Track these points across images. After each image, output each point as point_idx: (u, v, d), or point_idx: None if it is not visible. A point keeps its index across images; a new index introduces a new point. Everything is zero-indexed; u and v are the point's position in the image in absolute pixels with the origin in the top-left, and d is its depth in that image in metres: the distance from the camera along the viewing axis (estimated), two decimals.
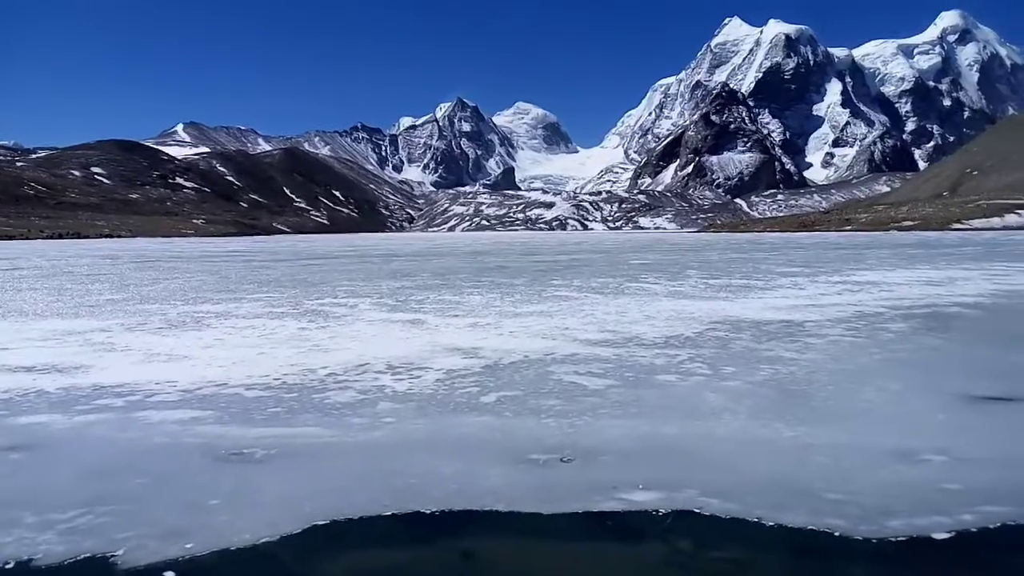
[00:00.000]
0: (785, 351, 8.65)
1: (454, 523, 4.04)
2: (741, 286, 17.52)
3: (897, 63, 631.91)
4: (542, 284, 18.77)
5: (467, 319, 11.76)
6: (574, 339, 9.62)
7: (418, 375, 7.47)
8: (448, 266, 29.48)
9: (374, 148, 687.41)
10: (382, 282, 20.22)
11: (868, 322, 11.04)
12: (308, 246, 68.78)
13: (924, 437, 5.26)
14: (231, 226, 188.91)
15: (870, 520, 3.90)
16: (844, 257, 32.34)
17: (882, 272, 21.89)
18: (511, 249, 52.66)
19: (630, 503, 4.19)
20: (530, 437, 5.37)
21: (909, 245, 47.33)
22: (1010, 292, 15.52)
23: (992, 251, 36.29)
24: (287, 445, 5.27)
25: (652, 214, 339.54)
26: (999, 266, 24.26)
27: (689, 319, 11.48)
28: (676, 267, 26.25)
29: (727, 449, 5.11)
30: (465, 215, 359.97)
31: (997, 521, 3.88)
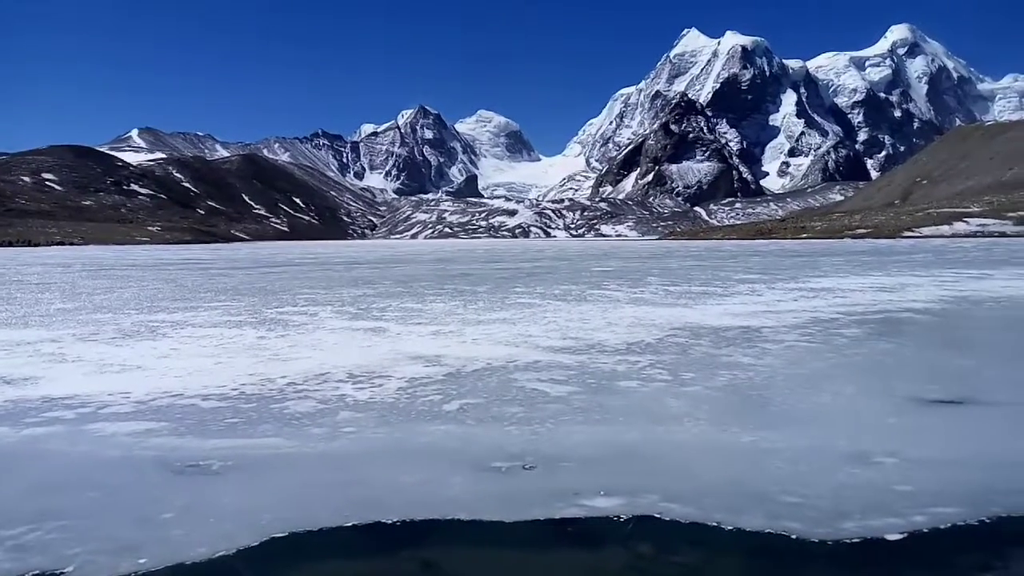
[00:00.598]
0: (743, 357, 8.79)
1: (415, 533, 4.02)
2: (701, 293, 17.77)
3: (849, 75, 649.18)
4: (505, 291, 18.79)
5: (430, 327, 11.71)
6: (537, 346, 9.64)
7: (380, 384, 7.41)
8: (411, 273, 29.33)
9: (335, 155, 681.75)
10: (343, 290, 20.03)
11: (823, 328, 11.29)
12: (268, 254, 67.82)
13: (877, 440, 5.39)
14: (188, 233, 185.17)
15: (825, 522, 3.98)
16: (800, 264, 33.02)
17: (836, 279, 22.40)
18: (474, 256, 52.63)
19: (592, 509, 4.21)
20: (492, 445, 5.36)
21: (862, 252, 48.54)
22: (958, 298, 16.01)
23: (941, 258, 37.42)
24: (245, 456, 5.18)
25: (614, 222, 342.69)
26: (948, 273, 25.03)
27: (650, 325, 11.60)
28: (637, 274, 26.50)
29: (687, 454, 5.17)
30: (428, 223, 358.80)
31: (947, 522, 3.99)
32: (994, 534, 3.89)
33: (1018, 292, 17.19)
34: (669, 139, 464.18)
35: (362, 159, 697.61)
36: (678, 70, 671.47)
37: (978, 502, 4.20)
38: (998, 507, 4.13)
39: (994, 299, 15.76)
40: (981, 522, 3.98)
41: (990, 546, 3.79)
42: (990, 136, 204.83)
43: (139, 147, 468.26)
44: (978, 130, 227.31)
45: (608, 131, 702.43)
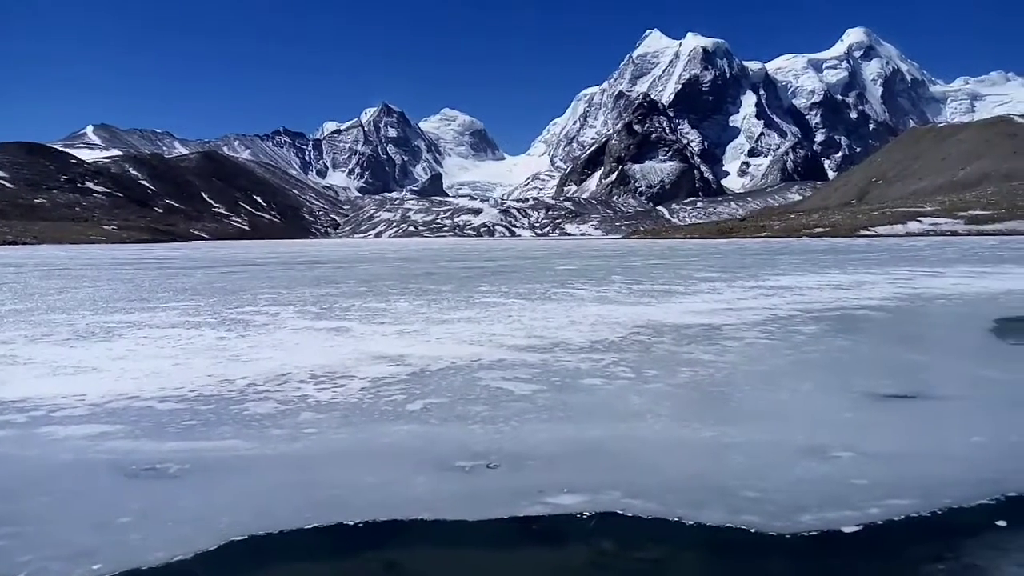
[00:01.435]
0: (704, 354, 8.91)
1: (378, 534, 3.98)
2: (663, 291, 17.95)
3: (807, 77, 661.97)
4: (469, 290, 18.76)
5: (393, 326, 11.63)
6: (501, 345, 9.65)
7: (342, 384, 7.33)
8: (374, 273, 29.11)
9: (297, 153, 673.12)
10: (305, 289, 19.79)
11: (782, 325, 11.49)
12: (228, 252, 66.69)
13: (833, 434, 5.50)
14: (145, 232, 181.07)
15: (783, 516, 4.05)
16: (759, 263, 33.58)
17: (795, 277, 22.84)
18: (439, 255, 52.44)
19: (555, 507, 4.22)
20: (456, 444, 5.35)
21: (820, 251, 49.55)
22: (912, 295, 16.44)
23: (896, 256, 38.38)
24: (203, 459, 5.08)
25: (578, 221, 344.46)
26: (903, 270, 25.69)
27: (614, 324, 11.68)
28: (601, 273, 26.68)
29: (650, 450, 5.22)
30: (392, 221, 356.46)
31: (901, 513, 4.08)
32: (946, 525, 3.99)
33: (969, 289, 17.71)
34: (632, 139, 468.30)
35: (325, 157, 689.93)
36: (641, 71, 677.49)
37: (931, 494, 4.31)
38: (950, 499, 4.24)
39: (946, 296, 16.21)
40: (934, 513, 4.08)
41: (943, 537, 3.89)
42: (942, 137, 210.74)
43: (94, 144, 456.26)
44: (931, 131, 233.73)
45: (572, 130, 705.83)
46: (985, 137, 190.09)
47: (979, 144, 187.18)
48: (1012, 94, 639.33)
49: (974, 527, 3.96)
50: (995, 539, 3.80)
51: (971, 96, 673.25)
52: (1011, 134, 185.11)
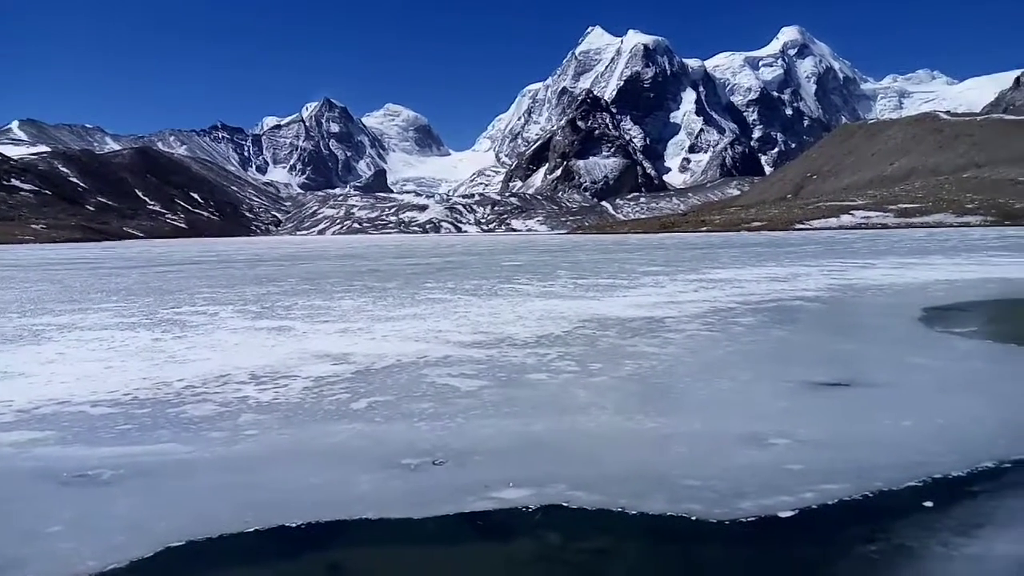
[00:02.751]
0: (647, 346, 9.06)
1: (321, 535, 3.93)
2: (608, 285, 18.17)
3: (744, 74, 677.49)
4: (415, 287, 18.64)
5: (337, 324, 11.48)
6: (447, 341, 9.62)
7: (284, 384, 7.21)
8: (318, 270, 28.66)
9: (236, 148, 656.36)
10: (246, 288, 19.35)
11: (721, 317, 11.77)
12: (164, 251, 64.71)
13: (770, 422, 5.67)
14: (76, 231, 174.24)
15: (723, 503, 4.15)
16: (700, 256, 34.28)
17: (734, 270, 23.40)
18: (384, 252, 51.94)
19: (501, 501, 4.24)
20: (402, 442, 5.32)
21: (758, 244, 50.88)
22: (844, 286, 17.03)
23: (829, 249, 39.68)
24: (138, 464, 4.93)
25: (524, 216, 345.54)
26: (835, 263, 26.57)
27: (559, 318, 11.77)
28: (547, 268, 26.84)
29: (594, 443, 5.28)
30: (336, 218, 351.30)
31: (835, 497, 4.23)
32: (878, 508, 4.16)
33: (899, 280, 18.44)
34: (576, 135, 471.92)
35: (265, 153, 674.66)
36: (583, 67, 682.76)
37: (863, 478, 4.48)
38: (881, 482, 4.42)
39: (877, 287, 16.84)
40: (865, 497, 4.25)
41: (874, 519, 4.05)
42: (872, 133, 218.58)
43: (20, 140, 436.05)
44: (862, 128, 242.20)
45: (517, 126, 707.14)
46: (912, 133, 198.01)
47: (907, 140, 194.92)
48: (938, 91, 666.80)
49: (903, 509, 4.13)
50: (923, 520, 3.97)
51: (899, 93, 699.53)
52: (937, 130, 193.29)
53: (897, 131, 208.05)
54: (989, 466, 4.65)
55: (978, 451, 4.89)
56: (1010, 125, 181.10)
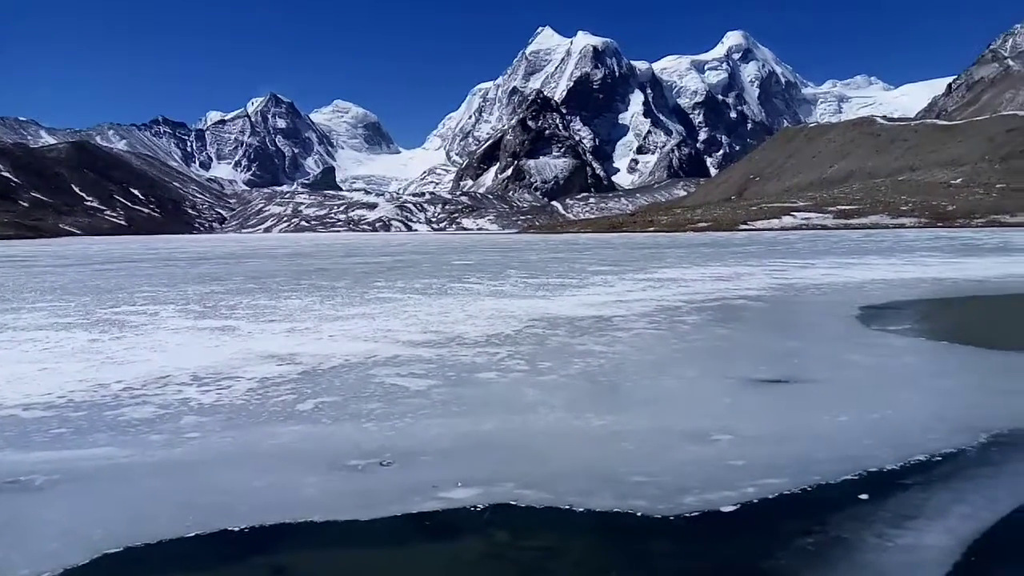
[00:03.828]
0: (596, 345, 9.15)
1: (265, 538, 3.86)
2: (558, 285, 18.30)
3: (691, 77, 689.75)
4: (364, 286, 18.45)
5: (284, 324, 11.28)
6: (397, 341, 9.55)
7: (228, 385, 7.05)
8: (263, 269, 28.11)
9: (178, 143, 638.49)
10: (188, 287, 18.86)
11: (668, 315, 11.97)
12: (102, 249, 62.56)
13: (714, 419, 5.79)
14: (8, 228, 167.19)
15: (668, 499, 4.23)
16: (648, 256, 34.79)
17: (680, 269, 23.82)
18: (332, 251, 51.24)
19: (449, 501, 4.23)
20: (349, 443, 5.25)
21: (703, 244, 51.88)
22: (786, 285, 17.50)
23: (771, 249, 40.70)
24: (73, 469, 4.76)
25: (475, 215, 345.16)
26: (777, 262, 27.28)
27: (509, 317, 11.80)
28: (498, 267, 26.87)
29: (542, 441, 5.31)
30: (283, 216, 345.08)
31: (775, 491, 4.34)
32: (816, 500, 4.28)
33: (837, 279, 19.03)
34: (527, 135, 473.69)
35: (208, 148, 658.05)
36: (534, 67, 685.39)
37: (802, 472, 4.61)
38: (818, 476, 4.55)
39: (816, 286, 17.36)
40: (804, 490, 4.37)
41: (812, 512, 4.16)
42: (813, 137, 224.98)
43: None
44: (803, 131, 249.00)
45: (468, 125, 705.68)
46: (851, 137, 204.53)
47: (846, 143, 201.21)
48: (875, 96, 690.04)
49: (839, 501, 4.25)
50: (858, 512, 4.11)
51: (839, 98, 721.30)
52: (874, 134, 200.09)
53: (836, 135, 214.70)
54: (921, 459, 4.84)
55: (911, 445, 5.08)
56: (942, 130, 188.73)
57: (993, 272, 20.74)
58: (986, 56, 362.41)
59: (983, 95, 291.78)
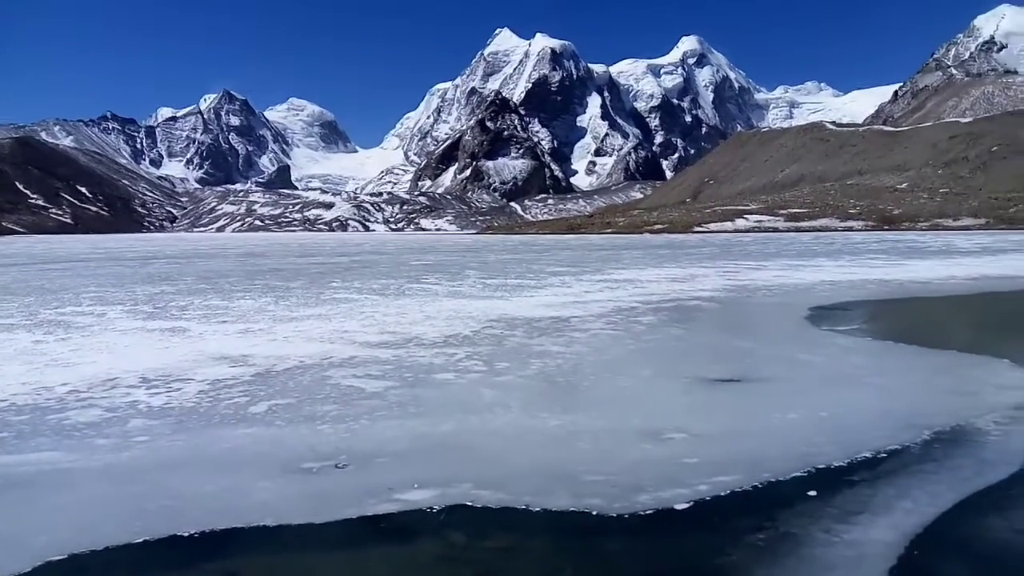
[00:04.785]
0: (553, 345, 9.20)
1: (217, 543, 3.78)
2: (516, 285, 18.33)
3: (647, 81, 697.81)
4: (320, 287, 18.22)
5: (237, 325, 11.07)
6: (353, 342, 9.45)
7: (178, 387, 6.89)
8: (216, 269, 27.54)
9: (127, 140, 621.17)
10: (137, 287, 18.38)
11: (624, 316, 12.09)
12: (47, 248, 60.56)
13: (668, 418, 5.87)
14: None
15: (623, 497, 4.27)
16: (605, 257, 35.09)
17: (636, 271, 24.08)
18: (287, 251, 50.48)
19: (405, 503, 4.21)
20: (303, 445, 5.18)
21: (659, 246, 52.55)
22: (739, 287, 17.83)
23: (725, 251, 41.42)
24: (15, 475, 4.60)
25: (433, 216, 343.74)
26: (731, 264, 27.78)
27: (467, 318, 11.78)
28: (456, 268, 26.80)
29: (499, 441, 5.32)
30: (236, 215, 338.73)
31: (727, 489, 4.43)
32: (766, 497, 4.37)
33: (787, 281, 19.46)
34: (485, 136, 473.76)
35: (159, 145, 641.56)
36: (492, 68, 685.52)
37: (753, 469, 4.71)
38: (769, 473, 4.65)
39: (767, 287, 17.72)
40: (755, 487, 4.46)
41: (763, 509, 4.25)
42: (765, 141, 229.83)
43: None
44: (755, 136, 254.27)
45: (426, 125, 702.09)
46: (802, 141, 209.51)
47: (797, 148, 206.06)
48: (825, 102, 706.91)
49: (789, 498, 4.36)
50: (807, 508, 4.21)
51: (790, 104, 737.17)
52: (823, 139, 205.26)
53: (788, 139, 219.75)
54: (867, 456, 4.98)
55: (857, 442, 5.23)
56: (889, 136, 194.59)
57: (936, 274, 21.45)
58: (930, 65, 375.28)
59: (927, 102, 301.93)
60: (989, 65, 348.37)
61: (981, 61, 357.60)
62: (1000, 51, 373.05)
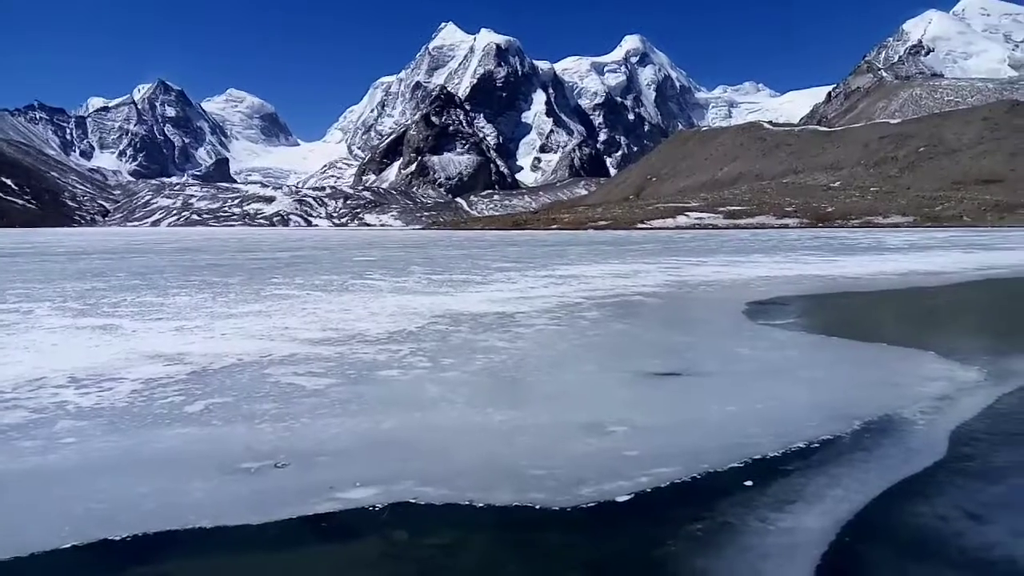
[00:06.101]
0: (499, 341, 9.21)
1: (150, 547, 3.66)
2: (461, 281, 18.29)
3: (591, 79, 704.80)
4: (260, 283, 17.82)
5: (172, 322, 10.75)
6: (294, 339, 9.28)
7: (109, 387, 6.65)
8: (150, 264, 26.68)
9: (56, 131, 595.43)
10: (66, 283, 17.66)
11: (569, 311, 12.20)
12: None
13: (611, 411, 5.95)
14: None
15: (565, 490, 4.31)
16: (550, 253, 35.32)
17: (581, 266, 24.32)
18: (226, 246, 49.23)
19: (347, 502, 4.15)
20: (241, 445, 5.07)
21: (603, 242, 53.17)
22: (680, 282, 18.18)
23: (667, 247, 42.18)
24: None
25: (378, 211, 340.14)
26: (672, 260, 28.30)
27: (412, 314, 11.70)
28: (401, 263, 26.59)
29: (443, 438, 5.30)
30: (172, 209, 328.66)
31: (667, 480, 4.51)
32: (705, 488, 4.47)
33: (726, 276, 19.94)
34: (431, 130, 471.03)
35: (90, 136, 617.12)
36: (437, 62, 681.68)
37: (693, 461, 4.81)
38: (708, 464, 4.76)
39: (707, 283, 18.12)
40: (694, 478, 4.56)
41: (701, 499, 4.34)
42: (705, 140, 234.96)
43: None
44: (696, 134, 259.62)
45: (370, 119, 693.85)
46: (740, 141, 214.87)
47: (735, 147, 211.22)
48: (762, 103, 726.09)
49: (727, 488, 4.46)
50: (743, 498, 4.32)
51: (729, 103, 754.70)
52: (761, 138, 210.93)
53: (727, 138, 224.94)
54: (801, 446, 5.14)
55: (791, 433, 5.39)
56: (822, 135, 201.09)
57: (867, 270, 22.29)
58: (862, 67, 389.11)
59: (859, 103, 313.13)
60: (917, 68, 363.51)
61: (909, 64, 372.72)
62: (927, 55, 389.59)
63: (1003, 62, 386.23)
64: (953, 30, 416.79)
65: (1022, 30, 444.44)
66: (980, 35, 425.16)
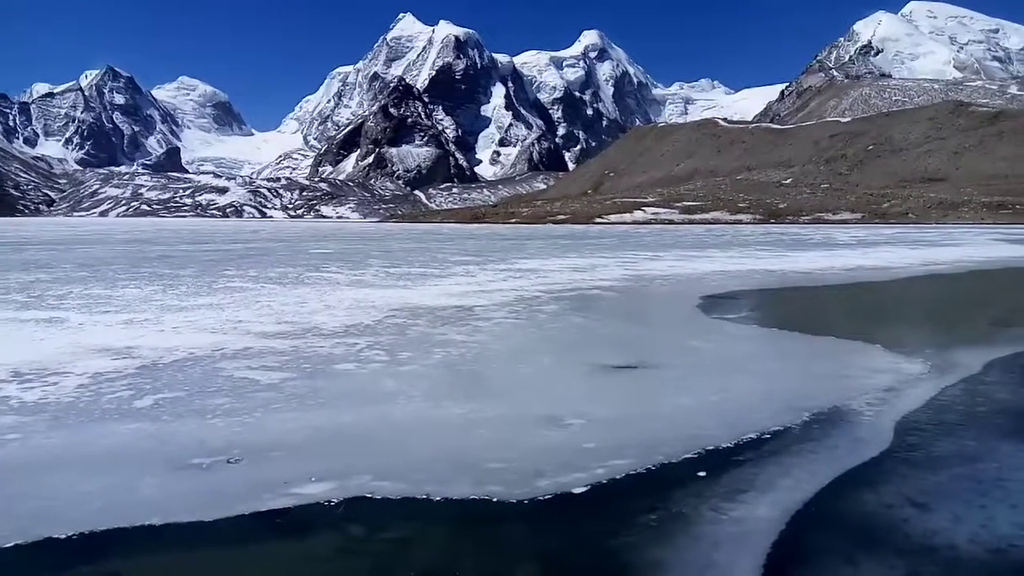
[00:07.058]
0: (457, 334, 9.19)
1: (96, 545, 3.57)
2: (419, 274, 18.19)
3: (550, 73, 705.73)
4: (213, 275, 17.46)
5: (121, 315, 10.47)
6: (248, 332, 9.12)
7: (54, 382, 6.45)
8: (98, 256, 25.91)
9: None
10: (9, 275, 17.06)
11: (527, 305, 12.23)
12: None
13: (568, 404, 5.99)
14: None
15: (523, 483, 4.33)
16: (509, 247, 35.34)
17: (540, 260, 24.40)
18: (177, 237, 48.09)
19: (302, 497, 4.11)
20: (192, 440, 4.97)
21: (561, 236, 53.42)
22: (636, 276, 18.38)
23: (624, 242, 42.57)
24: None
25: (335, 203, 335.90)
26: (629, 254, 28.57)
27: (369, 307, 11.59)
28: (358, 256, 26.32)
29: (400, 432, 5.27)
30: (121, 199, 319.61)
31: (622, 472, 4.56)
32: (659, 480, 4.53)
33: (681, 271, 20.22)
34: (389, 122, 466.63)
35: (35, 123, 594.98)
36: (395, 53, 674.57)
37: (648, 452, 4.87)
38: (662, 456, 4.83)
39: (663, 277, 18.36)
40: (648, 470, 4.62)
41: (656, 490, 4.40)
42: (661, 136, 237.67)
43: None
44: (653, 130, 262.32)
45: (326, 109, 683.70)
46: (695, 137, 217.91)
47: (691, 143, 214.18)
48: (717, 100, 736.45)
49: (681, 479, 4.54)
50: (697, 489, 4.39)
51: (685, 100, 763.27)
52: (715, 135, 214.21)
53: (683, 135, 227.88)
54: (752, 437, 5.25)
55: (743, 424, 5.50)
56: (776, 133, 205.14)
57: (817, 265, 22.84)
58: (814, 66, 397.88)
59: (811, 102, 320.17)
60: (867, 68, 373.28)
61: (859, 64, 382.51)
62: (877, 55, 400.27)
63: (948, 63, 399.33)
64: (901, 31, 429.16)
65: (967, 32, 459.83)
66: (927, 37, 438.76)
